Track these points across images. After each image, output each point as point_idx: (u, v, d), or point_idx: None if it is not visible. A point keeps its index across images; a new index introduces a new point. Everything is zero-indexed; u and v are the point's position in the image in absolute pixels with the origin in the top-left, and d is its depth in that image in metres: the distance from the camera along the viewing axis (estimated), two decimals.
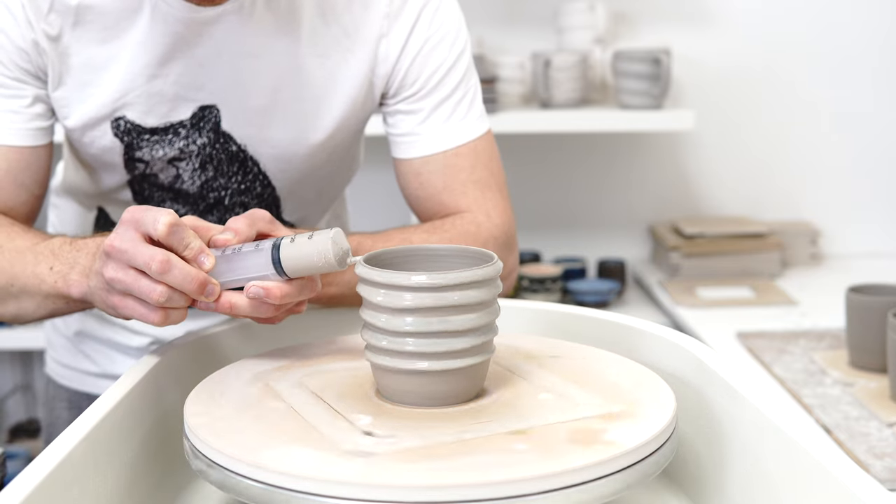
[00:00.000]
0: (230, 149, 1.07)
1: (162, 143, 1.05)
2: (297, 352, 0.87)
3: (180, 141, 1.05)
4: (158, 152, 1.06)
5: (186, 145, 1.05)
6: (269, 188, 1.11)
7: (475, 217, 1.07)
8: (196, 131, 1.05)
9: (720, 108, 2.49)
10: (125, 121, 1.03)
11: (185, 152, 1.06)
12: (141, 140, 1.05)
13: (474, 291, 0.73)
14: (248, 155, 1.07)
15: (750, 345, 1.76)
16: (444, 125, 1.08)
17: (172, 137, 1.05)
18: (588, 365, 0.82)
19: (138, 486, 0.78)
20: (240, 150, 1.07)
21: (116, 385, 0.79)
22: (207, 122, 1.05)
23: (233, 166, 1.08)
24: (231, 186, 1.09)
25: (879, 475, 1.22)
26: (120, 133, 1.04)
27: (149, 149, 1.05)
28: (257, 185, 1.10)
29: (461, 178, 1.08)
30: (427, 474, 0.63)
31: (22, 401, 2.59)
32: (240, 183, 1.09)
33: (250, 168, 1.08)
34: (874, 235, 2.55)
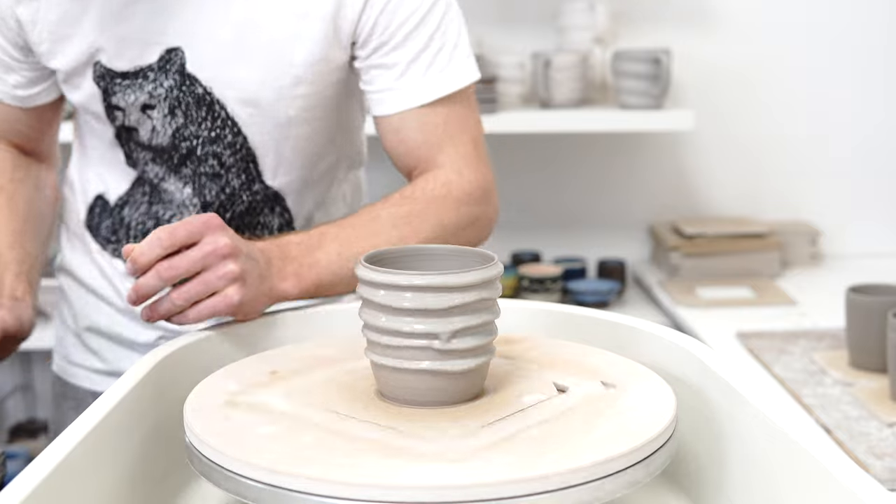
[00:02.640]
0: (196, 91, 1.07)
1: (133, 87, 1.07)
2: (297, 351, 0.87)
3: (149, 84, 1.07)
4: (130, 97, 1.08)
5: (154, 89, 1.07)
6: (241, 137, 1.10)
7: (447, 175, 1.08)
8: (163, 74, 1.07)
9: (720, 108, 2.49)
10: (100, 65, 1.08)
11: (153, 96, 1.08)
12: (114, 85, 1.08)
13: (474, 292, 0.73)
14: (215, 98, 1.08)
15: (750, 345, 1.76)
16: (421, 79, 1.08)
17: (142, 81, 1.07)
18: (588, 365, 0.82)
19: (138, 486, 0.78)
20: (206, 93, 1.07)
21: (117, 385, 0.79)
22: (173, 65, 1.06)
23: (200, 111, 1.08)
24: (201, 134, 1.09)
25: (879, 475, 1.22)
26: (97, 77, 1.08)
27: (122, 94, 1.08)
28: (227, 133, 1.09)
29: (437, 133, 1.08)
30: (427, 474, 0.63)
31: (22, 401, 2.59)
32: (209, 130, 1.09)
33: (218, 113, 1.08)
34: (874, 235, 2.55)
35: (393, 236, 1.02)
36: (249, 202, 1.14)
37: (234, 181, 1.12)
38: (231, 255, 0.89)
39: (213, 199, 1.13)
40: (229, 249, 0.88)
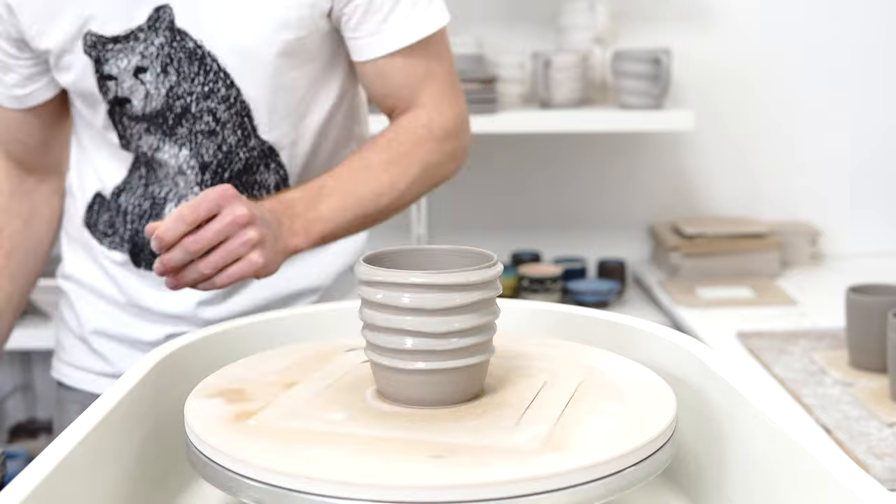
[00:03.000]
0: (187, 46, 1.08)
1: (125, 50, 1.09)
2: (297, 351, 0.88)
3: (140, 45, 1.08)
4: (122, 62, 1.09)
5: (146, 48, 1.08)
6: (234, 89, 1.10)
7: (428, 115, 1.14)
8: (153, 32, 1.08)
9: (720, 108, 2.49)
10: (91, 34, 1.09)
11: (145, 56, 1.08)
12: (106, 52, 1.09)
13: (474, 292, 0.73)
14: (206, 51, 1.09)
15: (750, 345, 1.76)
16: (405, 22, 1.11)
17: (133, 43, 1.08)
18: (588, 365, 0.82)
19: (138, 486, 0.78)
20: (197, 47, 1.08)
21: (117, 385, 0.79)
22: (162, 23, 1.08)
23: (193, 66, 1.09)
24: (195, 90, 1.10)
25: (879, 475, 1.22)
26: (88, 48, 1.09)
27: (114, 60, 1.09)
28: (220, 86, 1.10)
29: (419, 74, 1.14)
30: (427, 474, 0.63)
31: (22, 401, 2.59)
32: (202, 84, 1.10)
33: (210, 66, 1.09)
34: (874, 235, 2.55)
35: (385, 181, 1.10)
36: (246, 160, 1.14)
37: (231, 138, 1.12)
38: (250, 222, 0.94)
39: (210, 159, 1.13)
40: (247, 218, 0.94)
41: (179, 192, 1.14)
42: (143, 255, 1.17)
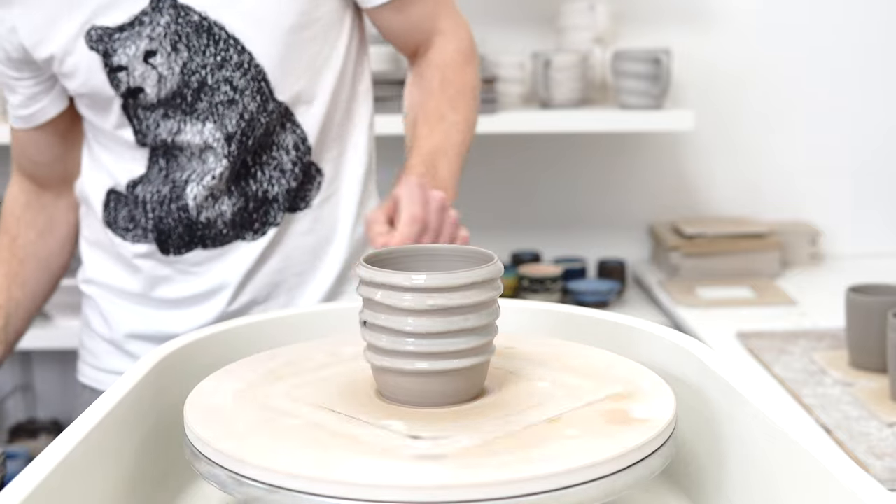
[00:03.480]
0: (192, 20, 1.09)
1: (132, 36, 1.09)
2: (298, 351, 0.88)
3: (146, 28, 1.09)
4: (131, 49, 1.09)
5: (153, 30, 1.09)
6: (246, 54, 1.11)
7: (452, 41, 1.20)
8: (157, 13, 1.09)
9: (720, 108, 2.49)
10: (94, 28, 1.09)
11: (153, 38, 1.09)
12: (113, 42, 1.09)
13: (474, 292, 0.73)
14: (212, 21, 1.09)
15: (750, 345, 1.76)
16: None
17: (139, 28, 1.09)
18: (588, 365, 0.82)
19: (138, 486, 0.78)
20: (202, 19, 1.09)
21: (117, 385, 0.79)
22: (165, 2, 1.09)
23: (202, 39, 1.09)
24: (208, 62, 1.10)
25: (879, 475, 1.22)
26: (93, 43, 1.10)
27: (122, 49, 1.09)
28: (233, 54, 1.10)
29: (432, 4, 1.20)
30: (427, 474, 0.63)
31: (22, 401, 2.59)
32: (214, 55, 1.10)
33: (218, 35, 1.09)
34: (874, 235, 2.55)
35: (461, 123, 1.16)
36: (266, 124, 1.15)
37: (251, 104, 1.13)
38: (446, 204, 0.98)
39: (234, 129, 1.13)
40: (443, 200, 0.97)
41: (206, 169, 1.14)
42: (171, 241, 1.18)
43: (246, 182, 1.16)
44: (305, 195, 1.19)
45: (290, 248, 1.19)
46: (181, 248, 1.17)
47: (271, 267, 1.19)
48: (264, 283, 1.19)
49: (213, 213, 1.15)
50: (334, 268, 1.22)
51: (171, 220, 1.16)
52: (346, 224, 1.22)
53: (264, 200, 1.16)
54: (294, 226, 1.19)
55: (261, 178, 1.16)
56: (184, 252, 1.18)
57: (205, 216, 1.15)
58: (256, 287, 1.18)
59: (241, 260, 1.17)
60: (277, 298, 1.20)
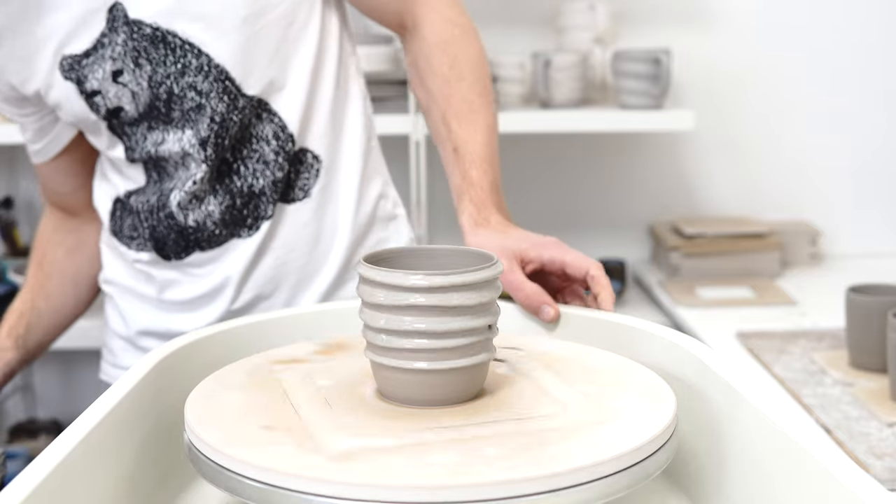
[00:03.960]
0: (146, 33, 1.08)
1: (98, 60, 1.09)
2: (297, 351, 0.88)
3: (106, 49, 1.09)
4: (98, 72, 1.10)
5: (113, 50, 1.09)
6: (204, 57, 1.10)
7: (444, 13, 1.18)
8: (114, 32, 1.09)
9: (720, 108, 2.49)
10: (65, 58, 1.10)
11: (116, 59, 1.09)
12: (83, 69, 1.10)
13: (474, 292, 0.74)
14: (165, 30, 1.09)
15: (750, 345, 1.76)
16: None
17: (102, 50, 1.09)
18: (588, 365, 0.82)
19: (138, 486, 0.78)
20: (155, 30, 1.08)
21: (117, 385, 0.79)
22: (118, 20, 1.08)
23: (158, 49, 1.09)
24: (170, 72, 1.10)
25: (879, 475, 1.22)
26: (66, 72, 1.11)
27: (91, 74, 1.10)
28: (191, 59, 1.09)
29: None
30: (427, 474, 0.63)
31: (22, 401, 2.59)
32: (174, 63, 1.09)
33: (172, 43, 1.09)
34: (874, 235, 2.55)
35: (485, 106, 1.15)
36: (240, 120, 1.13)
37: (219, 106, 1.11)
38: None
39: (207, 133, 1.12)
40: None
41: (188, 176, 1.14)
42: (168, 247, 1.17)
43: (230, 179, 1.15)
44: (304, 184, 1.17)
45: (292, 239, 1.17)
46: (180, 252, 1.17)
47: (271, 261, 1.17)
48: (267, 278, 1.18)
49: (201, 216, 1.15)
50: (339, 256, 1.20)
51: (163, 228, 1.16)
52: (347, 209, 1.20)
53: (251, 195, 1.15)
54: (293, 217, 1.18)
55: (244, 173, 1.15)
56: (183, 256, 1.17)
57: (193, 220, 1.15)
58: (259, 282, 1.18)
59: (239, 257, 1.17)
60: (282, 291, 1.19)
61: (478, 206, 1.07)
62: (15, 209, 2.50)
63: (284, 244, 1.17)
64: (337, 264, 1.20)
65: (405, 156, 2.22)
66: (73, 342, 2.20)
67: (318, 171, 1.18)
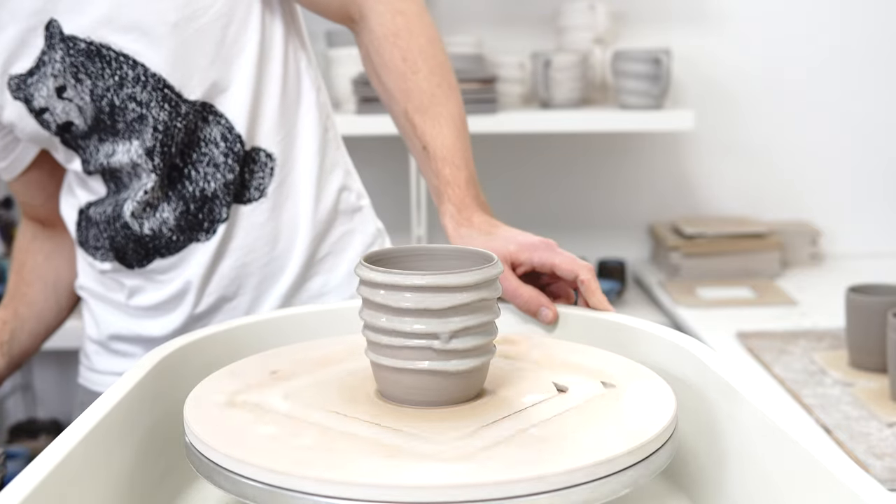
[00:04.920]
0: (80, 48, 1.08)
1: (41, 78, 1.09)
2: (298, 351, 0.88)
3: (48, 67, 1.09)
4: (43, 90, 1.09)
5: (53, 66, 1.08)
6: (140, 67, 1.08)
7: (393, 1, 1.12)
8: (52, 50, 1.08)
9: (720, 108, 2.49)
10: (11, 79, 1.10)
11: (57, 76, 1.09)
12: (28, 87, 1.10)
13: (474, 292, 0.74)
14: (98, 44, 1.08)
15: (750, 345, 1.76)
16: None
17: (43, 68, 1.09)
18: (588, 365, 0.82)
19: (138, 486, 0.78)
20: (89, 45, 1.08)
21: (116, 385, 0.79)
22: (55, 38, 1.08)
23: (95, 63, 1.08)
24: (109, 84, 1.09)
25: (879, 475, 1.22)
26: (13, 92, 1.10)
27: (37, 92, 1.09)
28: (127, 70, 1.08)
29: None
30: (427, 474, 0.63)
31: (22, 401, 2.59)
32: (111, 76, 1.09)
33: (107, 56, 1.08)
34: (874, 235, 2.55)
35: (447, 89, 1.11)
36: (185, 126, 1.12)
37: (161, 114, 1.10)
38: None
39: (152, 143, 1.11)
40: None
41: (140, 185, 1.13)
42: (129, 256, 1.17)
43: (182, 185, 1.14)
44: (258, 184, 1.16)
45: (250, 240, 1.16)
46: (141, 260, 1.17)
47: (231, 262, 1.16)
48: (229, 280, 1.17)
49: (156, 223, 1.14)
50: (301, 253, 1.18)
51: (121, 238, 1.16)
52: (306, 205, 1.18)
53: (204, 199, 1.14)
54: (249, 217, 1.16)
55: (195, 177, 1.13)
56: (145, 264, 1.17)
57: (148, 228, 1.14)
58: (220, 285, 1.17)
59: (198, 262, 1.16)
60: (246, 292, 1.18)
61: (458, 206, 1.05)
62: (15, 209, 2.50)
63: (243, 245, 1.16)
64: (300, 261, 1.18)
65: (404, 155, 2.22)
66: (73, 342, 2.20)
67: (272, 169, 1.16)
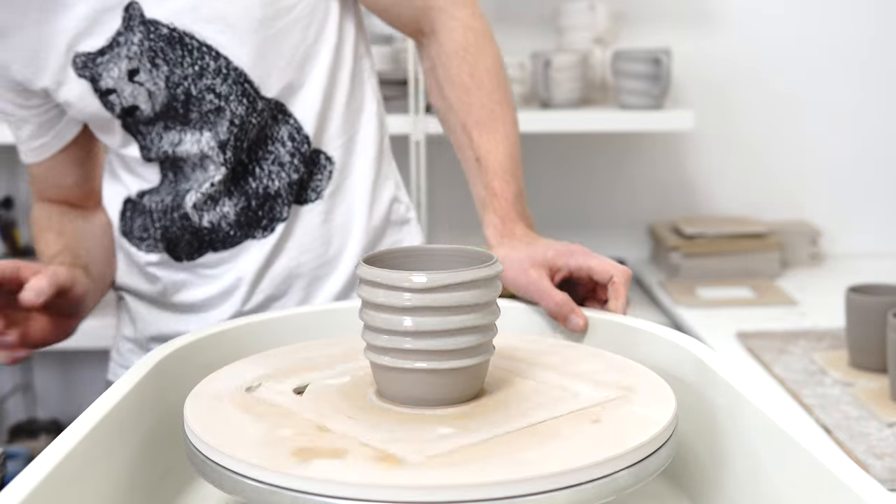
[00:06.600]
0: (162, 33, 1.08)
1: (113, 58, 1.08)
2: (297, 351, 0.88)
3: (122, 48, 1.08)
4: (114, 71, 1.09)
5: (129, 49, 1.08)
6: (223, 60, 1.09)
7: (458, 18, 1.18)
8: (130, 32, 1.08)
9: (720, 108, 2.49)
10: (78, 56, 1.09)
11: (132, 58, 1.08)
12: (97, 66, 1.09)
13: (474, 292, 0.74)
14: (181, 32, 1.08)
15: (750, 345, 1.76)
16: None
17: (118, 49, 1.08)
18: (588, 364, 0.82)
19: (138, 486, 0.78)
20: (171, 31, 1.08)
21: (117, 384, 0.79)
22: (135, 20, 1.07)
23: (175, 50, 1.08)
24: (188, 73, 1.09)
25: (879, 475, 1.22)
26: (79, 70, 1.09)
27: (106, 72, 1.09)
28: (209, 61, 1.09)
29: None
30: (427, 474, 0.63)
31: (22, 401, 2.59)
32: (192, 65, 1.09)
33: (190, 44, 1.08)
34: (874, 235, 2.55)
35: (504, 108, 1.14)
36: (258, 123, 1.13)
37: (238, 109, 1.11)
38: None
39: (226, 136, 1.12)
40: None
41: (206, 177, 1.13)
42: (181, 248, 1.17)
43: (245, 181, 1.15)
44: (316, 186, 1.17)
45: (306, 240, 1.17)
46: (192, 253, 1.17)
47: (284, 262, 1.17)
48: (280, 279, 1.17)
49: (216, 217, 1.15)
50: (351, 258, 1.19)
51: (176, 229, 1.16)
52: (360, 211, 1.20)
53: (266, 197, 1.15)
54: (306, 218, 1.17)
55: (259, 174, 1.15)
56: (196, 257, 1.17)
57: (207, 220, 1.15)
58: (272, 283, 1.17)
59: (253, 258, 1.16)
60: (295, 293, 1.18)
61: (502, 218, 1.07)
62: (15, 209, 2.50)
63: (298, 245, 1.17)
64: (349, 266, 1.19)
65: (405, 156, 2.22)
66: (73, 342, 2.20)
67: (330, 172, 1.17)
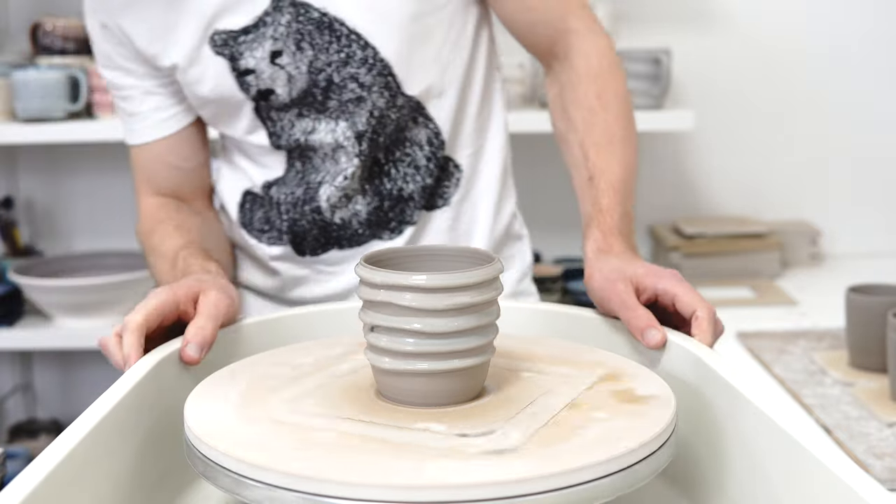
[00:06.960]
0: (312, 16, 1.07)
1: (258, 38, 1.07)
2: (298, 351, 0.88)
3: (269, 29, 1.07)
4: (258, 51, 1.08)
5: (275, 30, 1.07)
6: (370, 49, 1.08)
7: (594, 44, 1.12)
8: (278, 12, 1.07)
9: (720, 108, 2.49)
10: (217, 33, 1.07)
11: (277, 39, 1.07)
12: (239, 45, 1.08)
13: (474, 292, 0.74)
14: (332, 17, 1.07)
15: (750, 345, 1.76)
16: None
17: (263, 29, 1.07)
18: (588, 365, 0.82)
19: (138, 486, 0.78)
20: (322, 15, 1.07)
21: (117, 385, 0.79)
22: (285, 1, 1.07)
23: (324, 35, 1.07)
24: (332, 59, 1.08)
25: (879, 475, 1.22)
26: (218, 47, 1.08)
27: (249, 52, 1.08)
28: (356, 49, 1.08)
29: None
30: (428, 474, 0.63)
31: (22, 401, 2.59)
32: (338, 52, 1.08)
33: (339, 31, 1.07)
34: (874, 235, 2.55)
35: (627, 136, 1.10)
36: (397, 119, 1.12)
37: (379, 101, 1.10)
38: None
39: (364, 127, 1.11)
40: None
41: (338, 170, 1.12)
42: (307, 243, 1.16)
43: (380, 181, 1.14)
44: (444, 192, 1.17)
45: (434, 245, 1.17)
46: (317, 249, 1.16)
47: None
48: None
49: (348, 214, 1.14)
50: None
51: (306, 223, 1.15)
52: (485, 222, 1.19)
53: (399, 199, 1.14)
54: (432, 224, 1.17)
55: (395, 175, 1.14)
56: (320, 253, 1.16)
57: (339, 217, 1.14)
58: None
59: None
60: None
61: (604, 233, 1.03)
62: (15, 209, 2.50)
63: None
64: None
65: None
66: (73, 342, 2.20)
67: (458, 180, 1.17)
